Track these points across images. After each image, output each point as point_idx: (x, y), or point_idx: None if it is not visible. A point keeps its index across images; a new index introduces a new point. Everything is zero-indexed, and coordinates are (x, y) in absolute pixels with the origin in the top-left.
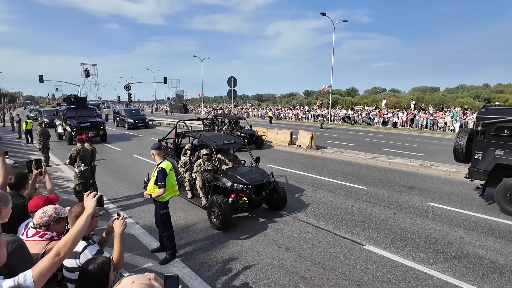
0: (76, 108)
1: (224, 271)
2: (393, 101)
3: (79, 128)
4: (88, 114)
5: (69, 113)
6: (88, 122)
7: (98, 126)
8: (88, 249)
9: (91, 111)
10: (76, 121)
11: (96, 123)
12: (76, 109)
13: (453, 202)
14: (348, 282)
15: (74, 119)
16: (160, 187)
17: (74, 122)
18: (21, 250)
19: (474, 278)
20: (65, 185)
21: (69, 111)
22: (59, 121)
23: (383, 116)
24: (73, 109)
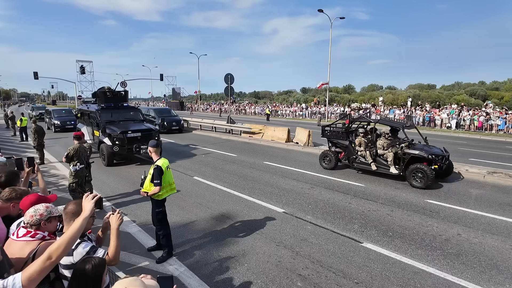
0: (113, 109)
1: (222, 270)
2: (390, 98)
3: (126, 141)
4: (132, 117)
5: (105, 116)
6: (138, 131)
7: (152, 137)
8: (82, 245)
9: (136, 112)
10: (119, 130)
11: (149, 132)
12: (113, 110)
13: (451, 199)
14: (346, 280)
15: (114, 125)
16: (156, 185)
17: (116, 131)
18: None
19: (472, 275)
20: (60, 183)
21: (104, 113)
22: (87, 127)
23: (380, 113)
24: (109, 110)
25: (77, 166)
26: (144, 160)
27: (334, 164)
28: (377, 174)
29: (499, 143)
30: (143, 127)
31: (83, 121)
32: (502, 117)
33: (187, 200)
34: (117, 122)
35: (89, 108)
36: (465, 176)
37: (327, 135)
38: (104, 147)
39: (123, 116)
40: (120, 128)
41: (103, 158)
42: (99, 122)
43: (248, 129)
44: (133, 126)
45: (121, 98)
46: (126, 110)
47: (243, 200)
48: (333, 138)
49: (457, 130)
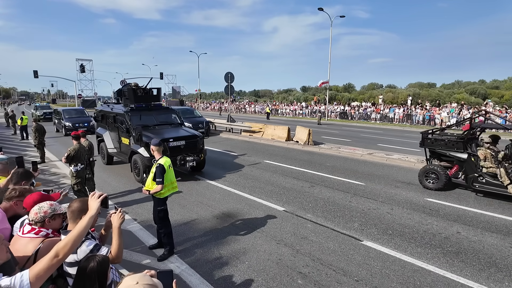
0: (145, 110)
1: (223, 267)
2: (390, 97)
3: (168, 151)
4: (168, 121)
5: (136, 120)
6: (181, 138)
7: (197, 145)
8: (85, 243)
9: (171, 114)
10: (157, 137)
11: (193, 140)
12: (145, 112)
13: (450, 197)
14: (346, 278)
15: (149, 131)
16: (158, 183)
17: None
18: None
19: (471, 273)
20: (61, 182)
21: (135, 115)
22: (110, 132)
23: (380, 112)
24: (141, 112)
25: (78, 166)
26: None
27: (443, 183)
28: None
29: (500, 142)
30: (186, 133)
31: (104, 125)
32: (501, 115)
33: (188, 198)
34: (151, 127)
35: (114, 109)
36: None
37: (429, 144)
38: (139, 159)
39: (157, 119)
40: (158, 135)
41: (136, 172)
42: (130, 127)
43: (248, 127)
44: (172, 132)
45: (153, 97)
46: (160, 112)
47: (244, 198)
48: (440, 149)
49: (457, 129)
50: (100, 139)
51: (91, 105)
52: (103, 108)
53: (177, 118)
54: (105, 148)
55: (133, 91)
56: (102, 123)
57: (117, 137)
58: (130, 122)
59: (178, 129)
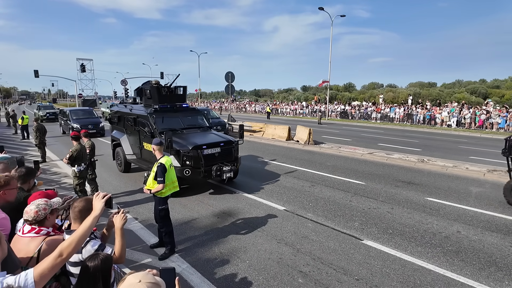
0: (170, 112)
1: (223, 266)
2: (390, 97)
3: (202, 160)
4: (194, 123)
5: (161, 122)
6: (216, 144)
7: (232, 152)
8: (90, 243)
9: (195, 115)
10: (189, 144)
11: (229, 146)
12: (170, 114)
13: (450, 197)
14: (347, 277)
15: (177, 136)
16: (159, 182)
17: (186, 146)
18: None
19: (471, 272)
20: (62, 181)
21: (159, 117)
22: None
23: (381, 112)
24: (166, 114)
25: (82, 166)
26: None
27: None
28: None
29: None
30: (220, 139)
31: (121, 128)
32: (502, 115)
33: (189, 198)
34: (178, 132)
35: (134, 110)
36: (465, 174)
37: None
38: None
39: (184, 122)
40: (189, 141)
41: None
42: (155, 131)
43: (249, 127)
44: (204, 137)
45: (179, 96)
46: (185, 114)
47: (244, 197)
48: None
49: (458, 128)
50: (116, 143)
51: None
52: (120, 109)
53: (205, 120)
54: (122, 154)
55: (157, 89)
56: (119, 125)
57: (137, 142)
58: (154, 126)
59: (209, 133)
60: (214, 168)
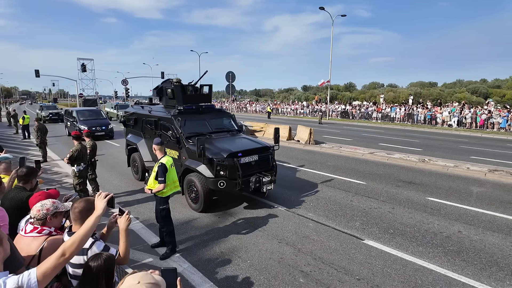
0: (196, 113)
1: (225, 266)
2: (391, 96)
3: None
4: (221, 126)
5: (187, 126)
6: (252, 151)
7: (270, 160)
8: (96, 245)
9: (221, 117)
10: (223, 151)
11: (266, 153)
12: (195, 116)
13: (451, 196)
14: (348, 276)
15: (209, 143)
16: (160, 182)
17: (219, 153)
18: None
19: (472, 272)
20: (63, 181)
21: (185, 120)
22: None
23: (381, 111)
24: (190, 116)
25: (81, 166)
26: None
27: None
28: None
29: (500, 141)
30: (256, 145)
31: (138, 132)
32: (502, 115)
33: None
34: (207, 137)
35: (154, 112)
36: (466, 174)
37: None
38: (198, 181)
39: (211, 126)
40: (222, 148)
41: (193, 198)
42: (181, 136)
43: (250, 127)
44: (236, 143)
45: (205, 96)
46: (212, 116)
47: (245, 197)
48: None
49: (459, 128)
50: (132, 148)
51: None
52: (137, 110)
53: (233, 122)
54: (138, 161)
55: (181, 89)
56: (136, 129)
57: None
58: (180, 130)
59: (241, 138)
60: (252, 179)
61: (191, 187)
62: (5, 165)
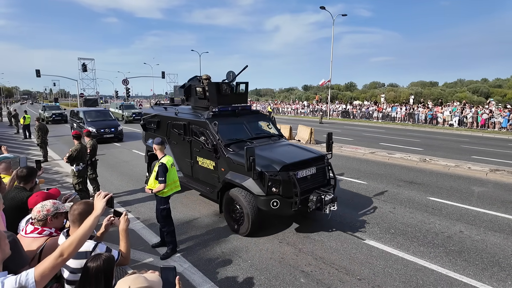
0: (231, 116)
1: (225, 266)
2: (392, 96)
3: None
4: (261, 131)
5: (224, 131)
6: (307, 163)
7: (326, 172)
8: (98, 248)
9: (258, 121)
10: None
11: (321, 163)
12: (233, 119)
13: (453, 196)
14: (349, 276)
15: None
16: (160, 182)
17: (271, 165)
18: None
19: (474, 272)
20: (64, 180)
21: (222, 124)
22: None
23: (382, 111)
24: (225, 118)
25: (80, 166)
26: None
27: None
28: None
29: (501, 141)
30: (309, 154)
31: (163, 136)
32: (503, 114)
33: (190, 197)
34: (248, 144)
35: (181, 115)
36: (467, 174)
37: None
38: (243, 199)
39: (252, 131)
40: (271, 158)
41: (234, 219)
42: (218, 142)
43: None
44: (285, 151)
45: (241, 96)
46: (249, 119)
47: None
48: None
49: (460, 128)
50: (153, 154)
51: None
52: (160, 112)
53: (273, 126)
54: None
55: (217, 87)
56: (158, 133)
57: (186, 155)
58: (218, 136)
59: (288, 145)
60: (313, 197)
61: (231, 205)
62: (5, 165)
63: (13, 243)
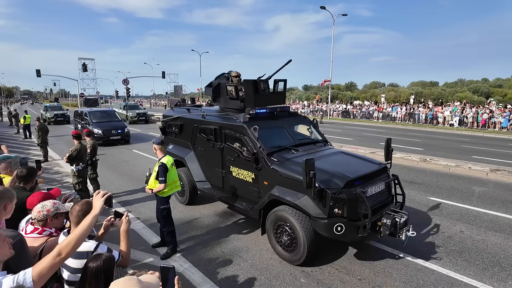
0: (269, 119)
1: (226, 266)
2: (392, 96)
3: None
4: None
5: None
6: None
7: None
8: (100, 248)
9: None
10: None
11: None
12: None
13: (453, 196)
14: (349, 276)
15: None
16: (161, 182)
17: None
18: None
19: (474, 272)
20: (64, 180)
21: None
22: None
23: (382, 111)
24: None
25: (80, 166)
26: (147, 158)
27: None
28: None
29: (502, 141)
30: (372, 166)
31: (184, 142)
32: (503, 114)
33: None
34: (293, 152)
35: (209, 117)
36: (468, 174)
37: None
38: (297, 221)
39: (294, 136)
40: (330, 171)
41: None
42: (260, 150)
43: None
44: (342, 162)
45: (279, 96)
46: (289, 122)
47: None
48: None
49: (460, 128)
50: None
51: (93, 104)
52: (183, 115)
53: (315, 130)
54: (185, 180)
55: (254, 85)
56: (181, 138)
57: (217, 165)
58: (259, 143)
59: (340, 154)
60: (386, 221)
61: (281, 227)
62: (5, 164)
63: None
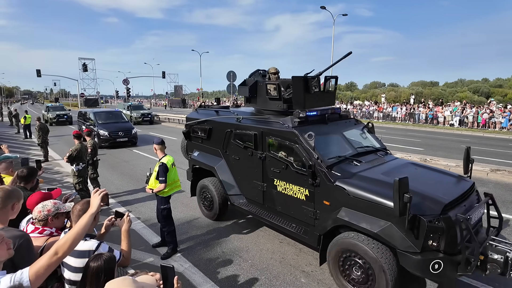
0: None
1: (226, 266)
2: (392, 96)
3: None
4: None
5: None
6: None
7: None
8: (101, 247)
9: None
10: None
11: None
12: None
13: None
14: None
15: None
16: (161, 182)
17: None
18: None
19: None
20: (64, 180)
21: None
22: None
23: (383, 111)
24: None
25: (80, 166)
26: (147, 158)
27: None
28: None
29: (502, 141)
30: (463, 184)
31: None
32: (503, 114)
33: (191, 197)
34: (354, 163)
35: (246, 121)
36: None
37: None
38: (380, 259)
39: (350, 143)
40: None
41: (357, 283)
42: (316, 162)
43: None
44: (425, 179)
45: (330, 96)
46: (344, 127)
47: None
48: None
49: (460, 128)
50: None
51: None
52: (212, 117)
53: (369, 136)
54: (214, 192)
55: (304, 83)
56: (209, 144)
57: (255, 176)
58: (316, 154)
59: (410, 164)
60: (497, 256)
61: (349, 259)
62: (5, 164)
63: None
